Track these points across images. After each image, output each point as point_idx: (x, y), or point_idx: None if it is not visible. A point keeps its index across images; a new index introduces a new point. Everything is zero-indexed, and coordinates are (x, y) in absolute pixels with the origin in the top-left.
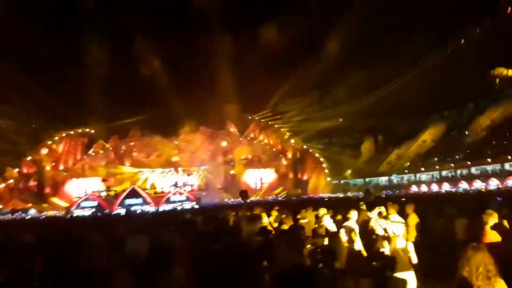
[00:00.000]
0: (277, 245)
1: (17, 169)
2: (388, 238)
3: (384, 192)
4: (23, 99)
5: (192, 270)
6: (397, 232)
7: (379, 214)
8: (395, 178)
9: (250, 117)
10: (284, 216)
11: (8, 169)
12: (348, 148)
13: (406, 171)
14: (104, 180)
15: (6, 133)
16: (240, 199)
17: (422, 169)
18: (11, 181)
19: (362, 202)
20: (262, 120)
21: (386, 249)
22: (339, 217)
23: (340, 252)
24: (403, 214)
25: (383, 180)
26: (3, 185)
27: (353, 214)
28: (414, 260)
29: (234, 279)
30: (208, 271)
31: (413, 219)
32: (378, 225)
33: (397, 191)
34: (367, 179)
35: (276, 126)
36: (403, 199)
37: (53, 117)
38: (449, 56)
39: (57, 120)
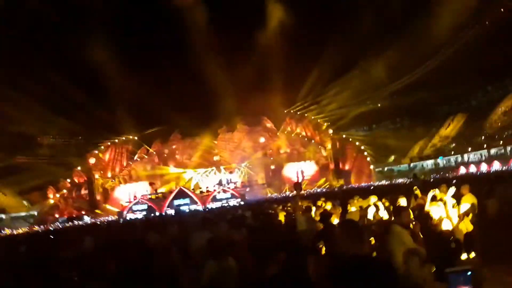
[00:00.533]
0: (338, 233)
1: (68, 180)
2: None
3: (432, 175)
4: (67, 109)
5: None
6: (453, 214)
7: (433, 197)
8: (441, 161)
9: (285, 111)
10: (331, 206)
11: (61, 180)
12: (390, 132)
13: (453, 152)
14: (151, 184)
15: (56, 145)
16: (292, 191)
17: (469, 149)
18: (65, 191)
19: (416, 187)
20: (298, 113)
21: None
22: (386, 203)
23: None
24: (456, 195)
25: (429, 163)
26: (58, 195)
27: (402, 201)
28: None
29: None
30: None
31: (469, 199)
32: (434, 207)
33: (445, 174)
34: (412, 164)
35: (312, 117)
36: (453, 181)
37: (98, 127)
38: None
39: (102, 130)
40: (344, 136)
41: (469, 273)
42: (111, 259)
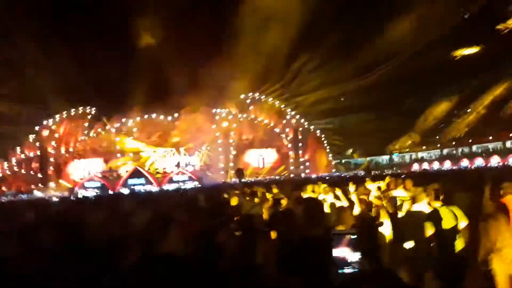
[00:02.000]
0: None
1: (19, 151)
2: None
3: (386, 170)
4: (21, 78)
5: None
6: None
7: (378, 188)
8: (396, 157)
9: (250, 97)
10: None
11: (10, 151)
12: (351, 127)
13: (407, 149)
14: (106, 161)
15: (6, 115)
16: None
17: (424, 147)
18: (14, 163)
19: (368, 178)
20: (263, 100)
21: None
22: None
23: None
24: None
25: (385, 159)
26: (6, 167)
27: (351, 188)
28: None
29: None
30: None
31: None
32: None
33: (399, 170)
34: (368, 158)
35: (277, 105)
36: (403, 176)
37: (53, 97)
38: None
39: (57, 100)
40: (306, 126)
41: (353, 236)
42: (50, 234)
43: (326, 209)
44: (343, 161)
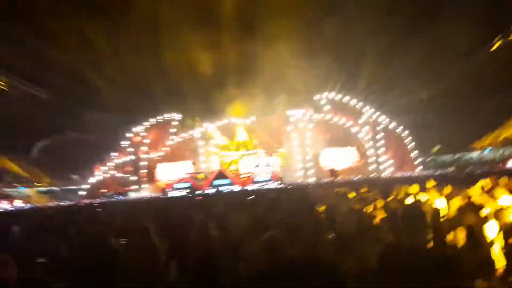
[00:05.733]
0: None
1: (115, 156)
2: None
3: (479, 168)
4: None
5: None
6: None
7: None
8: (488, 153)
9: (324, 97)
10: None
11: (107, 156)
12: (435, 122)
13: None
14: (193, 164)
15: (103, 121)
16: (327, 178)
17: None
18: (111, 167)
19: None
20: (336, 99)
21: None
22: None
23: None
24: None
25: (474, 155)
26: (104, 171)
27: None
28: None
29: None
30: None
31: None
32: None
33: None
34: (456, 155)
35: (351, 104)
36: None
37: (142, 106)
38: None
39: (146, 108)
40: (384, 123)
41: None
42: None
43: None
44: (427, 159)
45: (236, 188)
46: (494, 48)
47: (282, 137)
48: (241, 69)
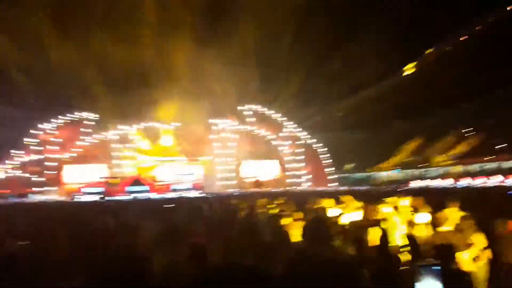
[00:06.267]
0: None
1: (18, 155)
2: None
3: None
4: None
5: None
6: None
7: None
8: (396, 173)
9: (248, 109)
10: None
11: (10, 154)
12: (350, 141)
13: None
14: (108, 167)
15: (5, 118)
16: (248, 189)
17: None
18: (16, 166)
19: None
20: (259, 112)
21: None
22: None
23: None
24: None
25: (384, 175)
26: (6, 170)
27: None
28: None
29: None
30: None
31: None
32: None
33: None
34: (368, 173)
35: (274, 117)
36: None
37: (54, 102)
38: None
39: (58, 105)
40: (306, 139)
41: (438, 267)
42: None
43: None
44: (341, 175)
45: (153, 195)
46: (406, 72)
47: (206, 145)
48: (166, 73)
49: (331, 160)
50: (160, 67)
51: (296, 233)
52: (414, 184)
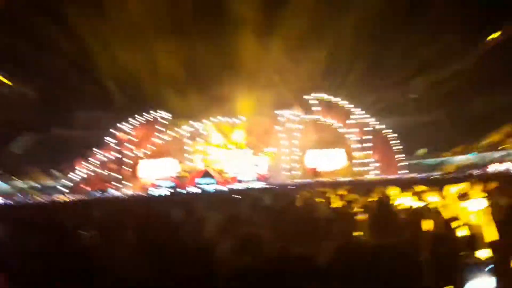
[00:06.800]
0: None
1: (99, 153)
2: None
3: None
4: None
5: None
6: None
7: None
8: (473, 157)
9: (314, 97)
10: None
11: (91, 153)
12: (421, 125)
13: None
14: (180, 162)
15: (88, 117)
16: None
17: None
18: (95, 164)
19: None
20: (325, 100)
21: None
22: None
23: None
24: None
25: (461, 159)
26: (88, 168)
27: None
28: None
29: None
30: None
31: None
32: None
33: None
34: (441, 159)
35: (340, 104)
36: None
37: (130, 101)
38: None
39: (133, 106)
40: (374, 125)
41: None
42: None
43: None
44: (414, 162)
45: (220, 187)
46: (489, 44)
47: (271, 136)
48: (231, 69)
49: (401, 146)
50: (226, 63)
51: (361, 225)
52: (493, 168)
